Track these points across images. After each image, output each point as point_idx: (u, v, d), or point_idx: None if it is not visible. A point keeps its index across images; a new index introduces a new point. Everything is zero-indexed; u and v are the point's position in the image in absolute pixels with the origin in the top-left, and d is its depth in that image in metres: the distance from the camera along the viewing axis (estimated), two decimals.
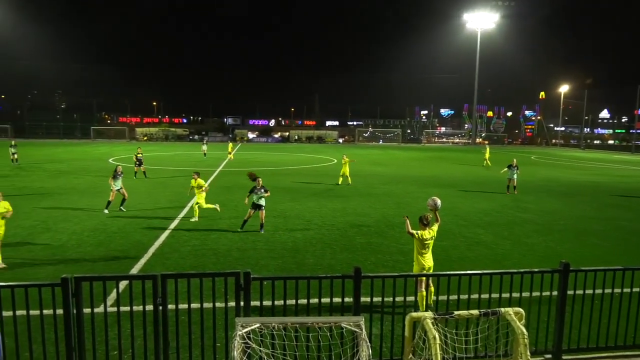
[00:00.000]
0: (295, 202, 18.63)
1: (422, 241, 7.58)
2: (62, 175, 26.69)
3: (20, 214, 14.90)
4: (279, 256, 10.92)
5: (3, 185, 21.40)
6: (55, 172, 28.35)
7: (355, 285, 5.53)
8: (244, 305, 5.38)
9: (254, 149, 59.09)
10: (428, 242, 7.64)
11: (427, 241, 7.63)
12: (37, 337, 5.23)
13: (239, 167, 33.13)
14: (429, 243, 7.66)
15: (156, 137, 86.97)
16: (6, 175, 25.30)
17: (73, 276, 5.16)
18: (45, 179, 24.50)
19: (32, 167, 30.90)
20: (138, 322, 5.37)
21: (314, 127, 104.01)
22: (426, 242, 7.61)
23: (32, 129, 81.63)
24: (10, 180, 23.52)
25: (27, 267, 9.81)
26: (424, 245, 7.62)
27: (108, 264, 10.18)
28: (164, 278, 5.24)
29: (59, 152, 47.23)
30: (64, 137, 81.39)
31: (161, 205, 17.40)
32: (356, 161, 31.73)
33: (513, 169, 21.97)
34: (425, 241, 7.60)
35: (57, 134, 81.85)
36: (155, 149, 55.07)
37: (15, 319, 5.19)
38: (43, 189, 21.01)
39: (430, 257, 7.74)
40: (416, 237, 7.60)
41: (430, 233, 7.69)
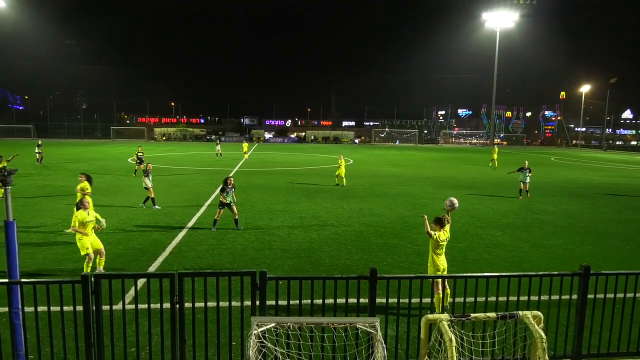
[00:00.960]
0: (311, 202, 18.66)
1: (438, 242, 7.58)
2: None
3: (43, 212, 15.23)
4: (294, 256, 10.95)
5: (26, 185, 21.92)
6: (76, 171, 28.86)
7: (371, 286, 5.51)
8: (260, 305, 5.41)
9: (270, 149, 59.37)
10: (443, 243, 7.65)
11: (443, 242, 7.63)
12: (58, 333, 5.34)
13: (255, 167, 33.32)
14: (444, 244, 7.67)
15: (174, 137, 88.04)
16: (29, 175, 25.86)
17: (93, 273, 5.26)
18: (67, 178, 24.98)
19: (55, 166, 31.55)
20: (156, 320, 5.44)
21: (330, 127, 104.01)
22: (441, 243, 7.62)
23: (54, 129, 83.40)
24: (33, 180, 24.04)
25: (48, 264, 10.03)
26: (439, 246, 7.62)
27: (127, 261, 10.34)
28: (181, 276, 5.30)
29: (80, 151, 48.11)
30: (85, 137, 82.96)
31: (178, 204, 17.59)
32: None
33: (525, 171, 20.56)
34: (441, 242, 7.60)
35: (78, 134, 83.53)
36: (173, 149, 55.73)
37: (36, 314, 5.31)
38: (65, 187, 21.43)
39: (444, 259, 7.74)
40: (433, 238, 7.58)
41: (445, 234, 7.69)
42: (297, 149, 63.48)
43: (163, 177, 26.65)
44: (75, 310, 5.28)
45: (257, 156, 45.68)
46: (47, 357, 5.36)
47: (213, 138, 79.60)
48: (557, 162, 46.79)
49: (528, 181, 20.71)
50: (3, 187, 5.41)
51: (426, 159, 47.57)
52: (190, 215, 15.58)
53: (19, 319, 5.39)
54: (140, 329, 5.46)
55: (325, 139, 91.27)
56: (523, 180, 20.67)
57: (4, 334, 5.48)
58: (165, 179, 25.70)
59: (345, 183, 23.74)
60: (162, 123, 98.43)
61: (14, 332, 5.36)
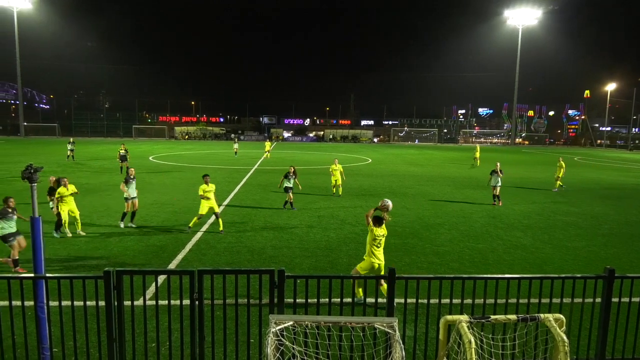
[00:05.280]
0: (330, 201, 18.65)
1: (375, 236, 8.02)
2: (106, 172, 27.72)
3: None
4: (312, 255, 10.97)
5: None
6: (99, 169, 29.48)
7: (389, 285, 5.48)
8: (278, 303, 5.43)
9: (289, 148, 59.56)
10: (380, 238, 8.08)
11: (380, 237, 8.07)
12: (81, 327, 5.45)
13: (274, 165, 33.46)
14: (380, 239, 8.10)
15: (194, 135, 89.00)
16: (55, 172, 26.47)
17: (115, 269, 5.35)
18: (91, 176, 25.51)
19: (78, 164, 32.25)
20: (175, 316, 5.52)
21: (349, 126, 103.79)
22: (378, 238, 8.05)
23: (78, 128, 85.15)
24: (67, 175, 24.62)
25: (72, 260, 10.25)
26: (376, 240, 8.04)
27: (147, 258, 10.50)
28: (200, 274, 5.36)
29: (103, 149, 49.03)
30: (107, 135, 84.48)
31: (197, 202, 17.75)
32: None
33: (495, 174, 18.36)
34: (378, 237, 8.04)
35: (101, 132, 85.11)
36: (193, 147, 56.37)
37: (60, 309, 5.43)
38: (88, 185, 21.87)
39: (382, 253, 8.16)
40: (370, 228, 8.05)
41: (382, 230, 8.16)
42: (315, 147, 63.54)
43: (183, 174, 27.01)
44: (98, 305, 5.38)
45: (276, 155, 45.87)
46: (71, 350, 5.48)
47: (232, 137, 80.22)
48: (581, 162, 45.80)
49: (499, 185, 18.38)
50: (30, 184, 5.55)
51: (446, 158, 47.09)
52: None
53: (43, 313, 5.52)
54: (161, 325, 5.54)
55: (344, 138, 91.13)
56: (494, 184, 18.31)
57: (29, 327, 5.63)
58: (186, 176, 26.03)
59: (341, 192, 20.15)
60: (182, 122, 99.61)
61: (39, 326, 5.49)
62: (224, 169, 30.83)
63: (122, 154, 27.60)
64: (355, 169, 32.92)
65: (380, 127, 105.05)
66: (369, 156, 46.23)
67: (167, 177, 25.73)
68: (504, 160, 43.29)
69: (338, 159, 21.10)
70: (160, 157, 39.87)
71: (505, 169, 34.10)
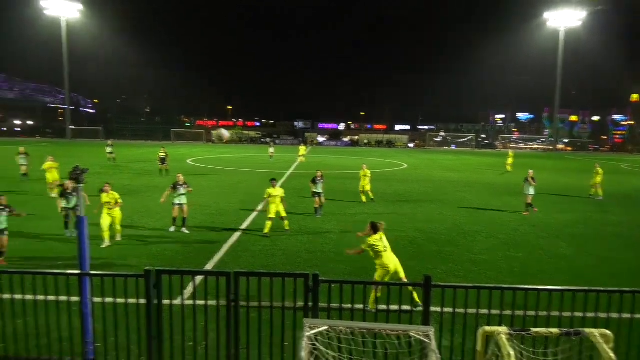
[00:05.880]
0: (364, 206, 18.56)
1: (371, 244, 8.09)
2: (146, 174, 28.59)
3: None
4: (346, 260, 10.93)
5: (95, 183, 23.30)
6: (140, 171, 30.43)
7: (425, 294, 5.39)
8: (312, 307, 5.44)
9: (323, 153, 59.71)
10: (378, 244, 8.10)
11: (377, 247, 8.07)
12: (122, 324, 5.62)
13: (309, 170, 33.62)
14: (378, 246, 8.09)
15: (231, 139, 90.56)
16: (98, 173, 27.50)
17: (155, 269, 5.50)
18: (132, 178, 26.36)
19: (120, 166, 33.40)
20: (212, 317, 5.61)
21: (384, 131, 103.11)
22: (377, 249, 8.05)
23: (120, 131, 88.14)
24: (102, 178, 25.52)
25: (114, 259, 10.60)
26: (377, 248, 8.06)
27: (185, 258, 10.74)
28: (237, 276, 5.43)
29: (143, 152, 50.59)
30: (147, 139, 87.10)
31: (233, 205, 18.07)
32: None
33: (527, 182, 17.54)
34: (374, 244, 8.07)
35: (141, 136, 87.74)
36: (229, 151, 57.38)
37: (104, 305, 5.62)
38: (130, 186, 22.60)
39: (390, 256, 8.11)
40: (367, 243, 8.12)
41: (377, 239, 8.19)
42: (350, 152, 63.43)
43: (220, 177, 27.54)
44: (139, 303, 5.54)
45: (310, 159, 46.08)
46: (112, 346, 5.66)
47: (267, 141, 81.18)
48: (629, 169, 43.76)
49: (532, 193, 17.46)
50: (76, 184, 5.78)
51: (483, 164, 46.03)
52: (245, 216, 15.96)
53: (87, 309, 5.73)
54: (198, 324, 5.65)
55: (379, 143, 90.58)
56: (526, 192, 17.53)
57: (75, 322, 5.85)
58: (222, 179, 26.52)
59: (373, 197, 19.80)
60: (219, 126, 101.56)
61: (83, 321, 5.71)
62: (260, 172, 31.21)
63: (161, 157, 28.43)
64: (390, 175, 32.65)
65: (415, 132, 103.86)
66: (404, 161, 45.76)
67: (204, 180, 26.28)
68: (545, 167, 41.91)
69: (367, 164, 21.00)
70: (198, 160, 40.78)
71: (546, 176, 33.08)
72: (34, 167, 23.59)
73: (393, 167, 38.97)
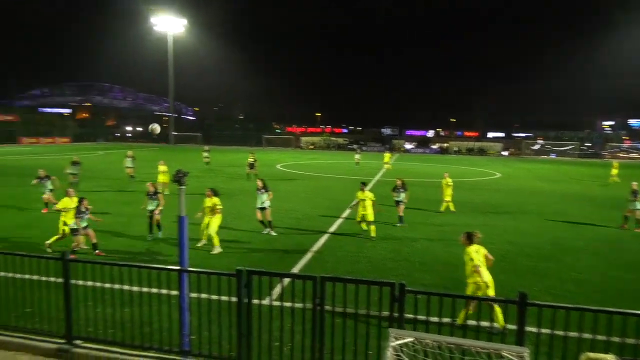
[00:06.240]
0: (451, 216, 17.93)
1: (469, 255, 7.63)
2: (239, 178, 30.07)
3: None
4: (433, 270, 10.62)
5: (194, 185, 25.00)
6: (233, 175, 32.11)
7: (520, 312, 5.07)
8: (398, 317, 5.35)
9: (410, 160, 58.67)
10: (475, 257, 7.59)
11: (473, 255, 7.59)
12: (214, 319, 5.95)
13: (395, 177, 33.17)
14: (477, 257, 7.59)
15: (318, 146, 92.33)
16: (197, 176, 29.46)
17: (246, 269, 5.76)
18: (226, 181, 27.89)
19: (216, 170, 35.50)
20: (298, 318, 5.74)
21: (475, 138, 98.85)
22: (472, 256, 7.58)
23: (216, 137, 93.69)
24: (200, 181, 27.32)
25: (209, 258, 11.26)
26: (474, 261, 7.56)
27: (272, 261, 11.12)
28: (323, 280, 5.51)
29: (237, 157, 53.31)
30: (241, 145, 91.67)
31: (320, 210, 18.37)
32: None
33: (632, 196, 16.29)
34: (472, 255, 7.59)
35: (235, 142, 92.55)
36: (317, 157, 58.55)
37: (199, 301, 6.00)
38: (224, 189, 23.90)
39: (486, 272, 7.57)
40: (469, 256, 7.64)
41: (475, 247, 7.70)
42: (438, 160, 61.64)
43: (307, 182, 28.20)
44: (230, 300, 5.83)
45: (397, 167, 45.51)
46: (206, 340, 6.01)
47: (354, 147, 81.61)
48: None
49: (637, 208, 16.08)
50: (178, 187, 6.25)
51: (586, 175, 42.25)
52: (330, 221, 16.15)
53: (185, 303, 6.15)
54: (284, 325, 5.82)
55: (470, 151, 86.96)
56: (631, 207, 16.27)
57: (173, 314, 6.32)
58: (310, 184, 27.13)
59: (453, 209, 18.80)
60: (307, 132, 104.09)
61: (181, 314, 6.14)
62: (346, 179, 31.44)
63: (250, 162, 29.75)
64: (482, 184, 31.20)
65: (510, 139, 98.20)
66: (497, 170, 43.48)
67: (292, 185, 27.07)
68: None
69: (449, 173, 20.30)
70: (287, 166, 42.10)
71: None
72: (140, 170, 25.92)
73: (484, 176, 37.18)
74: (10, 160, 40.40)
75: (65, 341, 6.43)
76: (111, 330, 6.53)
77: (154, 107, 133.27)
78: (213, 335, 6.01)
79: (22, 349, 6.49)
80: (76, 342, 6.44)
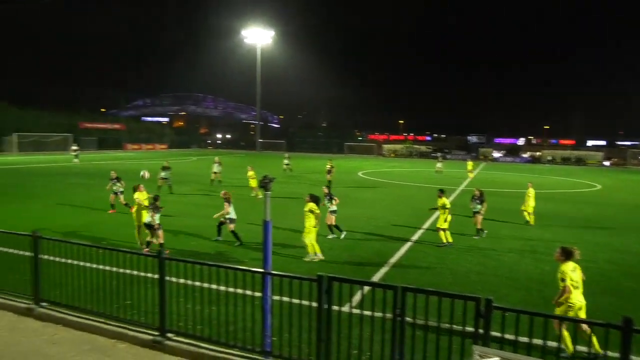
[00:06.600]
0: (544, 229, 16.76)
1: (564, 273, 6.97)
2: (320, 184, 30.51)
3: (289, 216, 17.68)
4: (523, 287, 9.99)
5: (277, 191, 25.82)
6: (315, 181, 32.65)
7: (624, 339, 4.59)
8: (483, 334, 5.10)
9: (497, 169, 55.80)
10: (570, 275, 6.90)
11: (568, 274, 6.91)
12: (295, 323, 6.08)
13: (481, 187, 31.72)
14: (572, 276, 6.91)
15: (400, 153, 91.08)
16: (280, 182, 30.40)
17: (327, 275, 5.82)
18: (308, 188, 28.40)
19: (299, 176, 36.36)
20: (377, 328, 5.68)
21: (572, 146, 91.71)
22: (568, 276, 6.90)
23: (300, 144, 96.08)
24: (281, 187, 28.15)
25: (290, 263, 11.52)
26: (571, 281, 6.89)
27: (352, 268, 11.12)
28: (404, 290, 5.42)
29: (319, 164, 54.17)
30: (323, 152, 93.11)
31: (401, 218, 18.07)
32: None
33: None
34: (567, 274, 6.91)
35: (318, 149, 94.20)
36: (398, 165, 57.80)
37: (280, 303, 6.17)
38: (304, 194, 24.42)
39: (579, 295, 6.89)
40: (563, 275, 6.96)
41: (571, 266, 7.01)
42: (530, 170, 57.92)
43: (388, 190, 27.92)
44: (311, 305, 5.93)
45: (484, 176, 43.52)
46: (286, 342, 6.16)
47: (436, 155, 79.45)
48: None
49: None
50: (264, 192, 6.49)
51: None
52: (412, 230, 15.83)
53: (267, 305, 6.36)
54: (363, 334, 5.79)
55: (565, 160, 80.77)
56: None
57: (256, 315, 6.55)
58: (392, 192, 26.84)
59: (533, 222, 17.77)
60: (390, 140, 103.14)
61: (263, 316, 6.36)
62: (427, 187, 30.65)
63: (328, 169, 30.14)
64: (579, 196, 28.84)
65: (613, 148, 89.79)
66: (597, 181, 39.94)
67: (373, 193, 26.95)
68: None
69: (532, 183, 19.16)
70: (368, 173, 42.01)
71: None
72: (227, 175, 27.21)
73: (582, 188, 34.32)
74: (114, 165, 44.45)
75: (159, 333, 6.92)
76: (199, 327, 6.91)
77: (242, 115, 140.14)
78: (293, 338, 6.14)
79: (121, 337, 7.09)
80: (169, 335, 6.90)
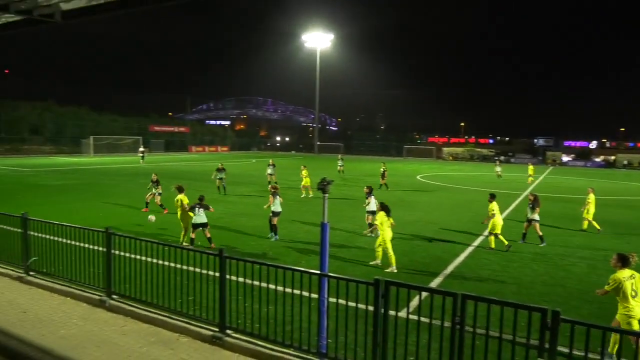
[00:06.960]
0: (620, 239, 15.63)
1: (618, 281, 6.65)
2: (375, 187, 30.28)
3: (344, 218, 17.69)
4: (595, 300, 9.34)
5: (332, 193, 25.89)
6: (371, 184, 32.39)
7: None
8: (550, 348, 4.83)
9: (566, 174, 52.65)
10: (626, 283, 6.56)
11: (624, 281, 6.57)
12: (351, 326, 6.05)
13: (548, 192, 30.11)
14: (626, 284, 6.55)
15: (461, 157, 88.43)
16: (336, 184, 30.48)
17: (384, 279, 5.76)
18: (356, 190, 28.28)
19: (355, 179, 36.25)
20: (435, 335, 5.54)
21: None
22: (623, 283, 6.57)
23: (357, 147, 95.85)
24: (337, 189, 28.20)
25: (345, 266, 11.50)
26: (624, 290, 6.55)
27: (410, 273, 10.92)
28: (464, 298, 5.24)
29: (376, 167, 53.78)
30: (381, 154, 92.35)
31: (462, 224, 17.53)
32: None
33: None
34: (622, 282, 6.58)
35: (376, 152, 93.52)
36: (459, 169, 56.11)
37: (337, 306, 6.17)
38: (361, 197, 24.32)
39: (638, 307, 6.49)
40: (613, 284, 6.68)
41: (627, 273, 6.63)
42: (603, 174, 54.18)
43: (448, 194, 27.19)
44: (367, 309, 5.88)
45: (551, 180, 41.27)
46: (342, 345, 6.15)
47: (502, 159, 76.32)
48: None
49: None
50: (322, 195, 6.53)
51: None
52: (473, 237, 15.31)
53: (324, 307, 6.38)
54: (420, 341, 5.66)
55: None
56: None
57: (312, 316, 6.60)
58: (451, 197, 26.11)
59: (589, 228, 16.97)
60: (450, 143, 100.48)
61: (320, 317, 6.38)
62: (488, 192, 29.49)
63: (381, 172, 29.93)
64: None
65: None
66: None
67: (433, 197, 26.34)
68: None
69: (593, 188, 17.83)
70: (427, 177, 41.13)
71: None
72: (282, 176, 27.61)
73: None
74: (179, 166, 46.50)
75: (218, 329, 7.15)
76: (257, 325, 7.06)
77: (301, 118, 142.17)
78: (349, 341, 6.12)
79: (184, 332, 7.39)
80: (228, 332, 7.11)
